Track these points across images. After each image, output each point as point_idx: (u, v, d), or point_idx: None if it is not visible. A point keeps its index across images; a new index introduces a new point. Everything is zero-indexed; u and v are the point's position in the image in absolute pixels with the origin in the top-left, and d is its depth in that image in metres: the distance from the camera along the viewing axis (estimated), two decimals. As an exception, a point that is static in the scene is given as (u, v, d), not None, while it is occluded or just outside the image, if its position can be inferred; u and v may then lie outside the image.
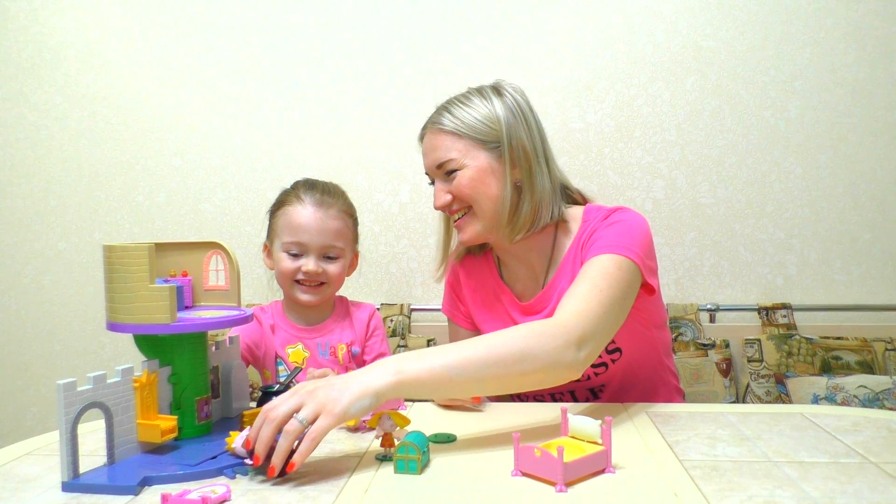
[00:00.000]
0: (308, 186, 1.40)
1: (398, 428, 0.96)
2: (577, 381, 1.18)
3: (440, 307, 1.87)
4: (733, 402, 1.70)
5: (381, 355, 1.44)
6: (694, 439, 1.00)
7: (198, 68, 1.95)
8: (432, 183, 1.32)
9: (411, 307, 1.87)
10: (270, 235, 1.42)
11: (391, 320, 1.80)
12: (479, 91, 1.30)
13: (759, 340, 1.72)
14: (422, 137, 1.33)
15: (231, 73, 1.94)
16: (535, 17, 1.86)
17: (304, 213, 1.34)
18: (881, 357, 1.68)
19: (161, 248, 1.08)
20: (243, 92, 1.94)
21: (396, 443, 0.92)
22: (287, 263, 1.35)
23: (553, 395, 1.32)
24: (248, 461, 0.88)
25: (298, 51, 1.92)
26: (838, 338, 1.71)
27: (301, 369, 1.25)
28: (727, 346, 1.74)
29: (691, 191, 1.85)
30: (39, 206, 2.02)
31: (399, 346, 1.76)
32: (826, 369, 1.68)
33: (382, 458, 0.94)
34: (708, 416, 1.12)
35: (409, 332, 1.83)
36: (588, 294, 1.08)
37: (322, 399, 0.88)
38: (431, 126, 1.30)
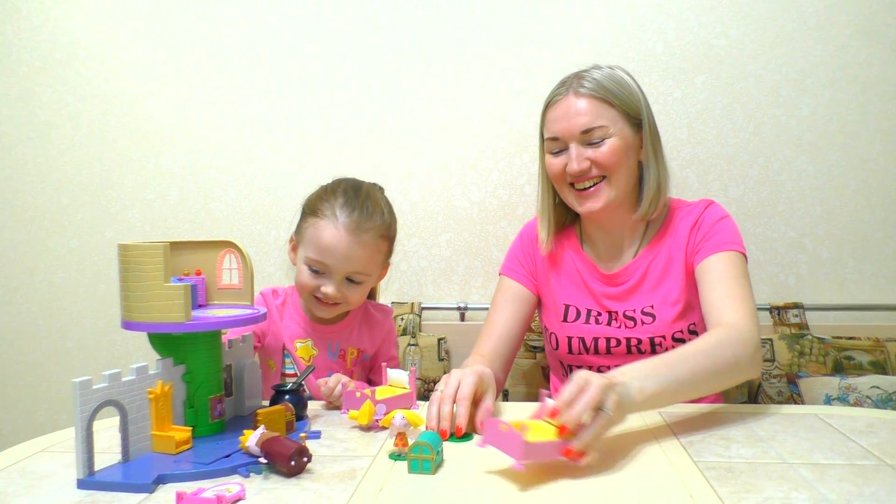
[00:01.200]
0: (346, 200, 1.29)
1: (412, 427, 0.96)
2: (654, 352, 1.31)
3: (451, 306, 1.89)
4: (745, 403, 1.70)
5: (391, 359, 1.44)
6: (708, 440, 1.00)
7: (209, 67, 1.95)
8: (558, 152, 1.32)
9: (422, 306, 1.87)
10: (298, 236, 1.35)
11: (402, 319, 1.80)
12: (610, 68, 1.34)
13: (770, 340, 1.71)
14: (553, 102, 1.33)
15: (242, 73, 1.94)
16: (545, 15, 1.86)
17: (335, 235, 1.26)
18: (894, 357, 1.67)
19: (175, 246, 1.09)
20: (254, 91, 1.94)
21: (410, 442, 0.92)
22: (307, 278, 1.29)
23: (619, 368, 1.31)
24: (262, 460, 0.89)
25: (309, 50, 1.92)
26: (850, 337, 1.69)
27: (314, 368, 1.25)
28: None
29: (702, 189, 1.84)
30: (51, 205, 2.02)
31: (409, 344, 1.76)
32: (838, 369, 1.67)
33: (396, 458, 0.94)
34: (721, 417, 1.11)
35: (420, 330, 1.83)
36: (745, 297, 1.21)
37: (617, 400, 0.91)
38: (576, 90, 1.30)
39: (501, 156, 1.89)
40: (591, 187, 1.30)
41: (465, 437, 1.03)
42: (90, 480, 0.86)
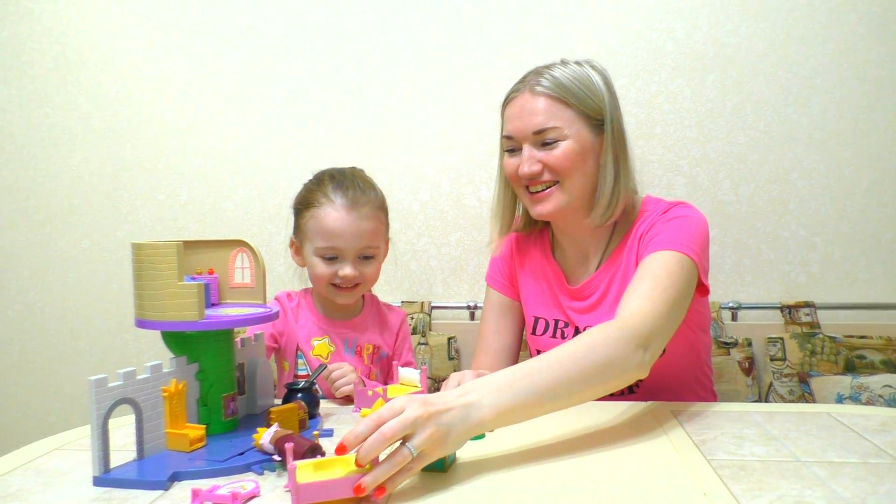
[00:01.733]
0: (336, 184, 1.33)
1: (424, 425, 0.96)
2: None
3: (461, 305, 1.89)
4: (756, 402, 1.69)
5: (408, 363, 1.44)
6: (720, 438, 1.00)
7: (219, 68, 1.96)
8: (512, 150, 1.25)
9: (432, 305, 1.87)
10: (299, 235, 1.37)
11: (412, 318, 1.81)
12: (577, 63, 1.26)
13: (781, 339, 1.70)
14: (510, 99, 1.27)
15: (252, 73, 1.95)
16: (554, 13, 1.86)
17: (337, 217, 1.28)
18: (906, 356, 1.66)
19: (188, 245, 1.09)
20: (264, 92, 1.95)
21: (422, 440, 0.92)
22: (322, 269, 1.31)
23: None
24: (276, 457, 0.89)
25: (318, 51, 1.93)
26: (862, 336, 1.69)
27: (326, 366, 1.25)
28: (749, 344, 1.73)
29: (713, 188, 1.84)
30: (63, 205, 2.04)
31: (420, 343, 1.77)
32: (850, 368, 1.66)
33: (408, 455, 0.94)
34: (733, 416, 1.11)
35: (430, 329, 1.83)
36: (651, 292, 1.07)
37: (433, 433, 0.81)
38: (532, 88, 1.23)
39: (511, 155, 1.89)
40: (543, 191, 1.23)
41: (478, 435, 1.03)
42: (106, 478, 0.86)
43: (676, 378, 1.29)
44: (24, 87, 2.03)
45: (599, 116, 1.23)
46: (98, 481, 0.86)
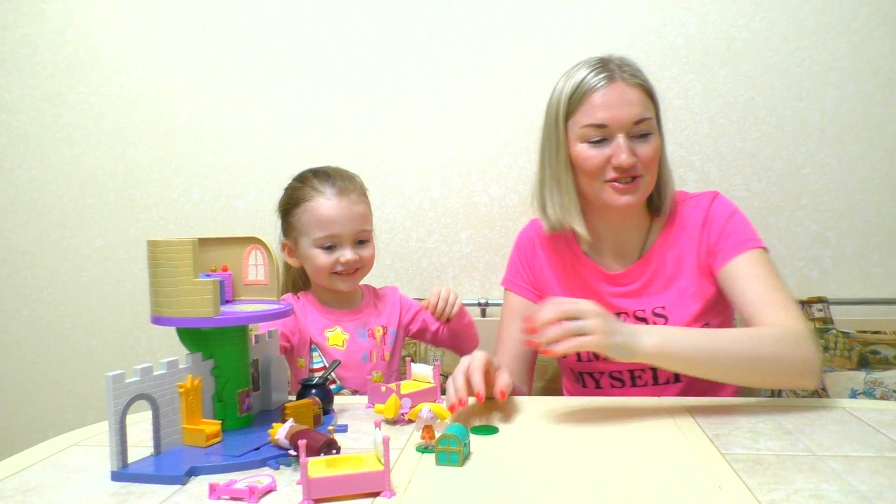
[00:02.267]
0: (322, 177, 1.39)
1: (438, 420, 0.97)
2: None
3: (472, 302, 1.89)
4: (769, 397, 1.68)
5: (421, 309, 1.48)
6: (735, 433, 0.99)
7: (231, 68, 1.97)
8: (598, 141, 1.23)
9: (443, 302, 1.87)
10: (292, 234, 1.42)
11: (423, 315, 1.81)
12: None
13: (794, 335, 1.69)
14: (596, 88, 1.23)
15: (262, 72, 1.96)
16: (565, 9, 1.85)
17: (330, 205, 1.35)
18: (921, 351, 1.65)
19: (202, 243, 1.10)
20: (274, 90, 1.96)
21: (437, 435, 0.92)
22: (323, 259, 1.35)
23: (633, 373, 1.31)
24: (291, 452, 0.90)
25: (330, 49, 1.93)
26: (876, 332, 1.68)
27: (339, 362, 1.26)
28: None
29: (724, 184, 1.83)
30: (77, 204, 2.05)
31: (431, 340, 1.77)
32: (864, 364, 1.65)
33: (423, 451, 0.94)
34: (747, 410, 1.11)
35: (441, 326, 1.83)
36: (786, 298, 1.17)
37: (601, 325, 0.98)
38: (624, 78, 1.23)
39: (521, 152, 1.89)
40: (628, 183, 1.24)
41: (491, 429, 1.03)
42: (124, 473, 0.87)
43: None
44: (38, 87, 2.04)
45: (657, 112, 1.28)
46: (116, 476, 0.87)
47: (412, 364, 1.22)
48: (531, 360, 1.42)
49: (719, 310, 1.30)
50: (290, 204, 1.40)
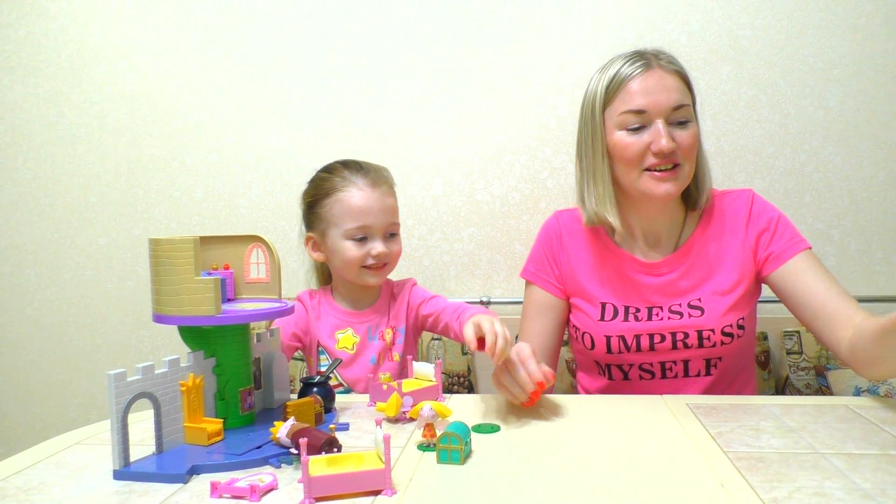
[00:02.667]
0: (353, 168, 1.37)
1: (439, 418, 0.97)
2: (702, 346, 1.27)
3: (474, 300, 1.89)
4: (772, 395, 1.68)
5: (434, 296, 1.42)
6: (737, 431, 0.99)
7: (233, 66, 1.97)
8: (637, 128, 1.23)
9: (445, 300, 1.87)
10: (319, 226, 1.38)
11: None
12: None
13: (798, 332, 1.69)
14: (634, 75, 1.23)
15: (264, 71, 1.96)
16: (568, 7, 1.85)
17: (363, 195, 1.33)
18: (925, 349, 1.64)
19: (204, 241, 1.10)
20: (276, 88, 1.96)
21: (438, 433, 0.92)
22: (354, 251, 1.33)
23: (663, 365, 1.31)
24: (293, 451, 0.90)
25: (330, 47, 1.93)
26: (880, 330, 1.67)
27: (341, 361, 1.26)
28: (765, 338, 1.72)
29: (728, 181, 1.83)
30: (80, 203, 2.06)
31: (433, 339, 1.77)
32: (868, 362, 1.65)
33: (425, 449, 0.94)
34: (749, 408, 1.11)
35: (443, 325, 1.83)
36: (846, 291, 1.22)
37: None
38: (662, 65, 1.25)
39: (523, 150, 1.89)
40: (669, 169, 1.23)
41: (493, 428, 1.03)
42: (126, 471, 0.87)
43: (748, 357, 1.35)
44: (41, 86, 2.04)
45: (694, 101, 1.28)
46: (118, 475, 0.87)
47: (413, 362, 1.22)
48: (556, 354, 1.42)
49: (748, 304, 1.32)
50: (319, 195, 1.37)
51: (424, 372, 1.20)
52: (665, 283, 1.32)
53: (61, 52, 2.03)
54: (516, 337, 1.74)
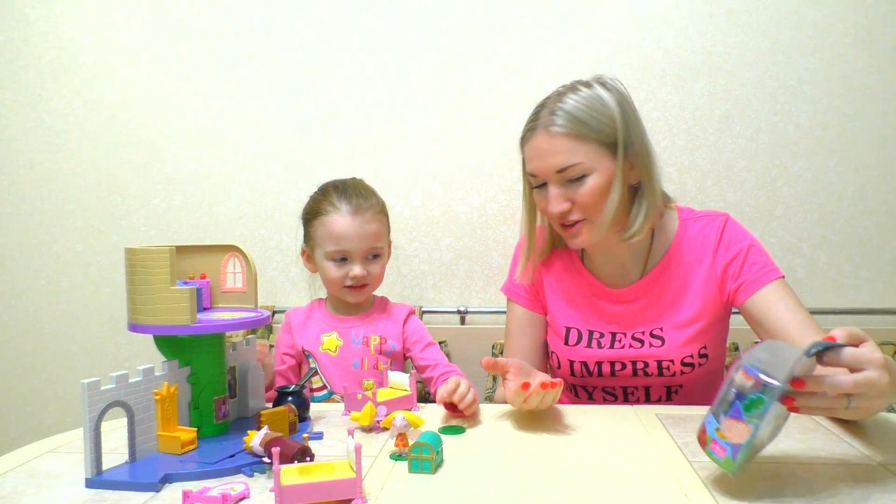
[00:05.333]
0: (340, 193, 1.45)
1: (412, 428, 0.98)
2: (661, 375, 1.28)
3: (451, 309, 1.91)
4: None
5: (430, 343, 1.48)
6: (703, 441, 1.01)
7: (212, 75, 1.98)
8: (540, 186, 1.24)
9: (423, 310, 1.89)
10: (310, 243, 1.47)
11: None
12: (586, 85, 1.23)
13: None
14: (526, 139, 1.24)
15: (243, 80, 1.97)
16: (545, 22, 1.88)
17: (343, 222, 1.41)
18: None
19: (180, 250, 1.11)
20: (255, 98, 1.97)
21: (410, 443, 0.94)
22: (334, 272, 1.42)
23: (625, 389, 1.33)
24: (265, 459, 0.91)
25: (310, 57, 1.94)
26: (848, 342, 1.71)
27: (316, 370, 1.28)
28: (736, 349, 1.74)
29: (700, 195, 1.86)
30: (58, 210, 2.05)
31: (411, 348, 1.78)
32: (835, 373, 1.68)
33: (397, 458, 0.96)
34: (717, 419, 1.13)
35: (421, 334, 1.84)
36: (816, 324, 1.20)
37: (880, 404, 0.86)
38: (547, 127, 1.19)
39: (501, 161, 1.91)
40: (573, 225, 1.24)
41: (458, 429, 1.06)
42: (98, 480, 0.87)
43: (712, 381, 1.31)
44: (20, 92, 2.04)
45: (614, 141, 1.19)
46: (90, 483, 0.87)
47: (389, 372, 1.24)
48: (544, 370, 1.42)
49: (712, 332, 1.30)
50: (310, 215, 1.47)
51: (399, 381, 1.21)
52: (630, 311, 1.31)
53: (41, 59, 2.02)
54: (501, 352, 1.75)
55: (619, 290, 1.32)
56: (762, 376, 0.78)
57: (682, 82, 1.86)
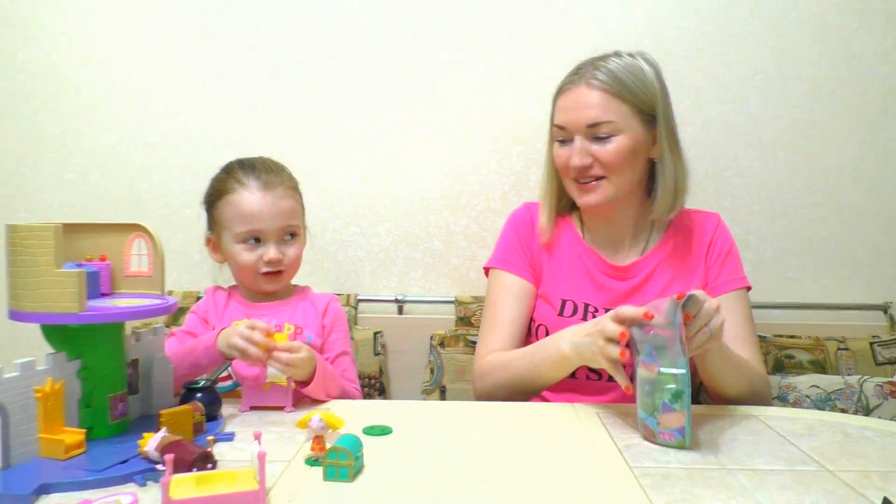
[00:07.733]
0: (247, 168, 1.31)
1: (330, 430, 0.89)
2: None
3: (389, 298, 1.81)
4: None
5: (343, 354, 1.35)
6: (645, 444, 0.96)
7: (134, 40, 1.82)
8: (563, 141, 1.29)
9: (358, 298, 1.78)
10: (215, 228, 1.33)
11: (337, 311, 1.72)
12: (630, 55, 1.29)
13: (713, 338, 1.68)
14: (564, 90, 1.29)
15: (171, 46, 1.82)
16: (509, 14, 1.79)
17: (253, 198, 1.27)
18: (833, 357, 1.66)
19: (75, 228, 0.99)
20: (184, 67, 1.82)
21: (328, 446, 0.84)
22: (246, 256, 1.28)
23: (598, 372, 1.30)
24: (160, 466, 0.80)
25: (244, 31, 1.81)
26: (791, 336, 1.68)
27: (229, 364, 1.16)
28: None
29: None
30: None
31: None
32: (779, 368, 1.66)
33: (313, 463, 0.86)
34: (660, 419, 1.07)
35: (356, 323, 1.75)
36: (756, 340, 1.32)
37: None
38: (589, 81, 1.25)
39: (445, 144, 1.82)
40: (590, 182, 1.27)
41: (384, 430, 0.97)
42: (-40, 490, 0.76)
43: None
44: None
45: (652, 111, 1.26)
46: (-49, 494, 0.76)
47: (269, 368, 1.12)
48: (524, 341, 1.37)
49: None
50: (214, 196, 1.32)
51: (275, 375, 1.11)
52: (628, 287, 1.33)
53: (-57, 16, 1.84)
54: (440, 343, 1.67)
55: (619, 266, 1.35)
56: (659, 362, 0.95)
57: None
